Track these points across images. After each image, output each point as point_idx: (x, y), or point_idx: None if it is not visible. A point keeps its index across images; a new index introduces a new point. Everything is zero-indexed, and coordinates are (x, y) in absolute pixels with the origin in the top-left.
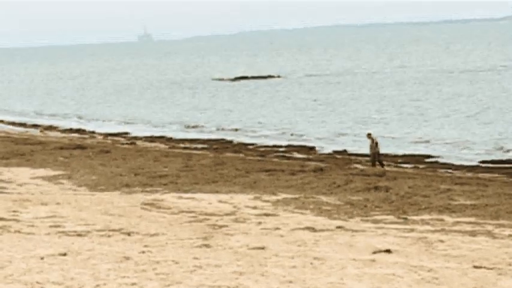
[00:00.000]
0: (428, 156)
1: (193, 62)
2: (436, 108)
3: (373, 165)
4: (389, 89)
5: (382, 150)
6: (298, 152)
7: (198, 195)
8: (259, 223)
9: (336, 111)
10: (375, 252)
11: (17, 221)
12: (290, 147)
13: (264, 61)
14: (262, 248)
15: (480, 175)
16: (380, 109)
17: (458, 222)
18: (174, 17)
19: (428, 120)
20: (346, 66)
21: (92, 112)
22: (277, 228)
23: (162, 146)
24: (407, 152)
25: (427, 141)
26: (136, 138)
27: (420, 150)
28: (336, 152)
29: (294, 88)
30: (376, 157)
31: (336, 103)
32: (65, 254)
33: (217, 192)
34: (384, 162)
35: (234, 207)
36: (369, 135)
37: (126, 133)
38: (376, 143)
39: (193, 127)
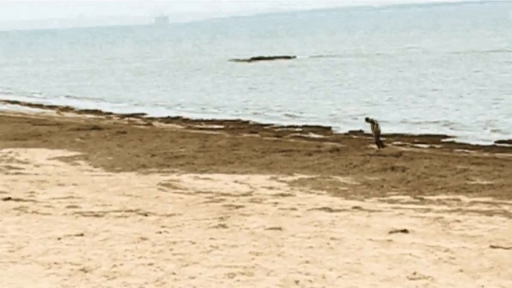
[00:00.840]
0: (445, 136)
1: (209, 43)
2: (447, 89)
3: (382, 146)
4: (401, 70)
5: (396, 131)
6: (314, 132)
7: (214, 176)
8: (276, 204)
9: (349, 91)
10: (391, 233)
11: (34, 201)
12: (306, 128)
13: (281, 42)
14: (279, 229)
15: (497, 155)
16: (393, 90)
17: (475, 202)
18: (188, 3)
19: (439, 100)
20: (359, 47)
21: (108, 94)
22: (294, 209)
23: (179, 126)
24: (423, 132)
25: (439, 122)
26: (152, 119)
27: (433, 130)
28: (352, 132)
29: (308, 69)
30: (378, 137)
31: (349, 84)
32: (81, 235)
33: (233, 172)
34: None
35: (251, 187)
36: (367, 119)
37: (143, 114)
38: (377, 124)
39: (209, 108)
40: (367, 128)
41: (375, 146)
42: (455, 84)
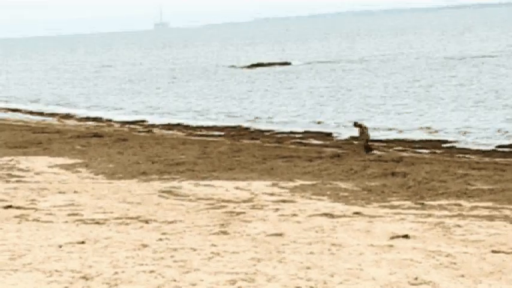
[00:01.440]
0: (445, 142)
1: (210, 49)
2: (445, 95)
3: (370, 150)
4: (399, 75)
5: (397, 136)
6: (315, 138)
7: (215, 183)
8: (277, 210)
9: (348, 98)
10: (392, 238)
11: (35, 209)
12: (307, 134)
13: (281, 48)
14: (280, 235)
15: (497, 160)
16: (391, 96)
17: (475, 207)
18: (188, 7)
19: (438, 106)
20: (359, 52)
21: (108, 101)
22: (295, 215)
23: (179, 133)
24: (423, 138)
25: (436, 129)
26: (153, 126)
27: (432, 136)
28: (353, 138)
29: (305, 75)
30: (366, 142)
31: (347, 90)
32: (83, 242)
33: (234, 179)
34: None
35: (251, 194)
36: (355, 124)
37: (143, 121)
38: (364, 129)
39: (208, 115)
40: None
41: (375, 151)
42: (447, 90)
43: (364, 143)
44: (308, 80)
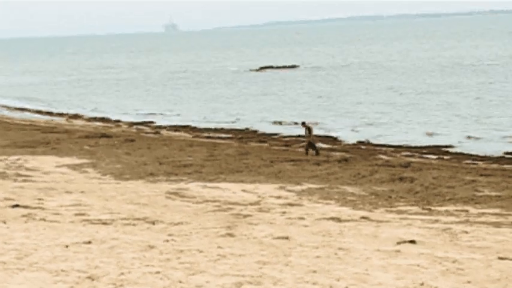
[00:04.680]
0: (453, 147)
1: (219, 52)
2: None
3: (307, 153)
4: (403, 81)
5: (404, 142)
6: (322, 142)
7: (222, 185)
8: (284, 213)
9: (352, 103)
10: (399, 243)
11: (42, 209)
12: (314, 137)
13: (289, 51)
14: (287, 238)
15: (505, 166)
16: (396, 101)
17: (483, 214)
18: (198, 12)
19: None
20: (367, 58)
21: (116, 102)
22: (302, 218)
23: (187, 135)
24: (430, 144)
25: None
26: (161, 127)
27: (439, 142)
28: (360, 142)
29: (313, 78)
30: (310, 145)
31: (352, 95)
32: (89, 243)
33: (241, 181)
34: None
35: (259, 196)
36: (303, 123)
37: (151, 122)
38: (310, 131)
39: (216, 117)
40: (375, 139)
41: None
42: (445, 96)
43: (305, 144)
44: (313, 84)
